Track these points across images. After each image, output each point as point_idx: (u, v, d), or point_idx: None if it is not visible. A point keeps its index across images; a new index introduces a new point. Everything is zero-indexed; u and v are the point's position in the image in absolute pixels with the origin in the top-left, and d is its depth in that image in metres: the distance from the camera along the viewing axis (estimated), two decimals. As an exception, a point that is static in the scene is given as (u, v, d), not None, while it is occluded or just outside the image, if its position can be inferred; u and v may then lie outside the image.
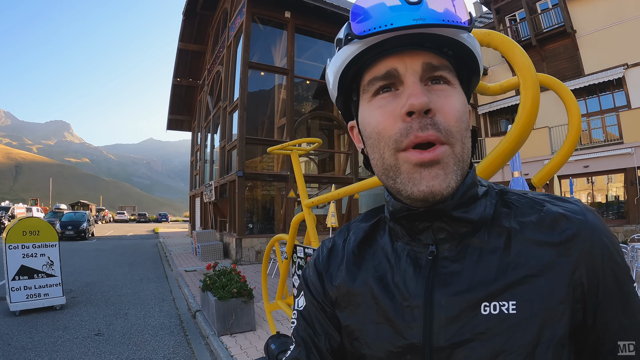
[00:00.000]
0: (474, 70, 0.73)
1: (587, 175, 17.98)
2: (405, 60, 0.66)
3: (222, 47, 20.45)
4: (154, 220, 68.49)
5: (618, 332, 0.66)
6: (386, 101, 0.67)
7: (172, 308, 8.36)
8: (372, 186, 2.26)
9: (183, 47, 25.73)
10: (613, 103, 18.36)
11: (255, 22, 16.97)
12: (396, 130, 0.65)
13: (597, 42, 18.33)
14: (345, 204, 18.54)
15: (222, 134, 19.12)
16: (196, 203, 27.66)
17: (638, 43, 17.03)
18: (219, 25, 22.54)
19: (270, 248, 4.17)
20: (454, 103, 0.66)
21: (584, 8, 18.69)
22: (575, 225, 0.66)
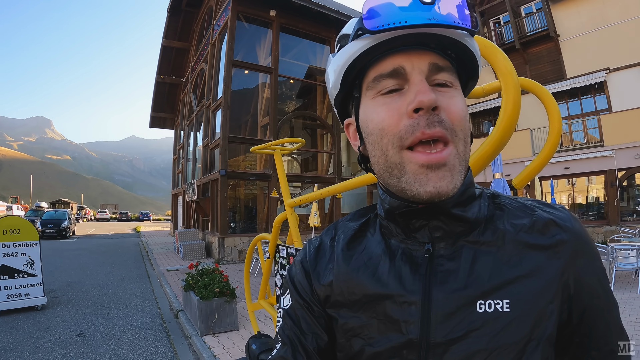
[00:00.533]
0: (472, 73, 0.75)
1: (568, 177, 18.34)
2: (412, 59, 0.67)
3: (206, 45, 20.35)
4: (135, 219, 67.65)
5: (603, 330, 0.71)
6: (392, 98, 0.68)
7: (155, 308, 8.30)
8: (356, 186, 2.28)
9: (167, 44, 25.54)
10: (594, 106, 18.76)
11: (240, 20, 16.92)
12: (401, 127, 0.66)
13: (580, 47, 18.72)
14: (327, 204, 18.63)
15: (205, 132, 19.04)
16: (178, 202, 27.43)
17: (620, 48, 17.41)
18: (203, 23, 22.42)
19: (253, 247, 4.18)
20: (458, 103, 0.68)
21: (568, 13, 19.05)
22: (563, 230, 0.70)
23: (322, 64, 19.59)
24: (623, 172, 16.42)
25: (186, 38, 25.48)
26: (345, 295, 0.78)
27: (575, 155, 17.12)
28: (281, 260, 3.23)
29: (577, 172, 17.69)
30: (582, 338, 0.71)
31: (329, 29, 18.64)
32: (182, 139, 27.53)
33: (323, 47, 19.48)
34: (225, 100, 15.85)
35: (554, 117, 1.61)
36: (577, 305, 0.69)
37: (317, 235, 0.91)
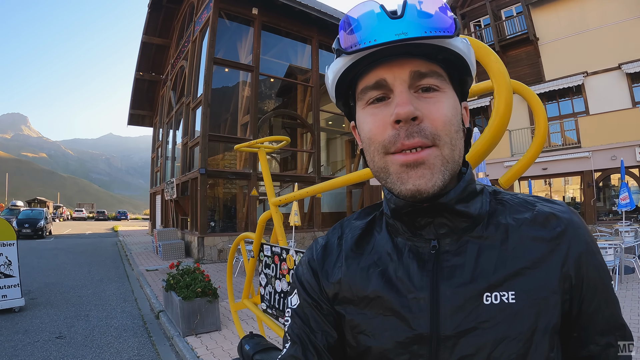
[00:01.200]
0: (465, 71, 0.75)
1: (545, 178, 18.73)
2: (393, 70, 0.69)
3: (187, 42, 20.17)
4: (113, 218, 66.61)
5: (601, 323, 0.74)
6: (378, 109, 0.71)
7: (135, 309, 8.20)
8: (343, 184, 2.30)
9: (147, 41, 25.21)
10: (572, 109, 19.19)
11: (222, 17, 16.87)
12: (386, 137, 0.69)
13: (559, 50, 19.16)
14: (307, 203, 18.69)
15: (185, 130, 18.89)
16: (157, 200, 27.12)
17: (598, 53, 17.87)
18: (184, 19, 22.20)
19: (236, 246, 4.15)
20: (442, 108, 0.69)
21: (548, 17, 19.49)
22: (563, 223, 0.74)
23: (302, 63, 19.66)
24: (599, 173, 16.83)
25: (166, 35, 25.20)
26: (353, 293, 0.80)
27: (553, 157, 17.45)
28: (265, 259, 3.22)
29: (555, 172, 18.07)
30: (580, 331, 0.74)
31: (311, 28, 18.71)
32: (161, 137, 27.22)
33: (304, 46, 19.52)
34: (205, 98, 15.77)
35: (540, 119, 1.65)
36: (576, 296, 0.72)
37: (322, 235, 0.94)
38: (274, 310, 2.99)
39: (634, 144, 15.58)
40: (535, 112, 1.64)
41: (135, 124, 31.75)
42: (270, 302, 3.06)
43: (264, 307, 3.19)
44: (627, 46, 17.32)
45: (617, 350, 0.75)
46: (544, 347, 0.68)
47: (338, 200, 21.69)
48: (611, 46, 17.64)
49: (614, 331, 0.76)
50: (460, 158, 0.73)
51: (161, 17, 23.94)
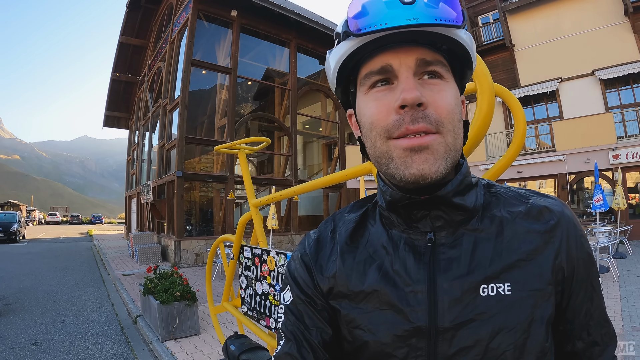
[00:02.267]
0: (466, 64, 0.76)
1: (520, 180, 19.17)
2: (399, 56, 0.69)
3: (164, 43, 20.06)
4: (87, 222, 65.54)
5: (587, 318, 0.76)
6: (382, 94, 0.71)
7: (112, 314, 8.09)
8: (325, 185, 2.26)
9: (124, 41, 24.91)
10: (546, 113, 19.94)
11: (201, 19, 16.88)
12: (389, 122, 0.69)
13: (534, 56, 19.85)
14: (284, 207, 18.73)
15: (161, 132, 18.77)
16: (132, 204, 26.77)
17: (573, 59, 18.59)
18: (162, 20, 22.09)
19: (215, 249, 4.07)
20: (446, 97, 0.70)
21: (524, 24, 20.11)
22: (556, 216, 0.75)
23: (280, 67, 19.73)
24: (573, 175, 17.35)
25: (144, 35, 24.95)
26: (349, 287, 0.79)
27: (528, 160, 17.85)
28: (245, 261, 3.19)
29: (530, 175, 18.55)
30: (566, 324, 0.75)
31: (290, 31, 18.82)
32: (136, 140, 26.91)
33: (283, 49, 19.60)
34: (182, 100, 15.72)
35: (519, 121, 1.69)
36: (567, 288, 0.74)
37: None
38: (255, 312, 2.97)
39: (607, 147, 16.13)
40: (515, 113, 1.69)
41: (110, 125, 31.31)
42: (251, 305, 3.03)
43: (245, 310, 3.18)
44: (601, 53, 18.05)
45: (602, 349, 0.77)
46: (540, 337, 0.70)
47: (315, 204, 21.74)
48: (585, 53, 18.34)
49: (599, 329, 0.77)
50: (461, 147, 0.74)
51: (139, 17, 23.71)
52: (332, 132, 21.97)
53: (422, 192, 0.72)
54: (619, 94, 18.29)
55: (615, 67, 17.64)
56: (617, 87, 18.29)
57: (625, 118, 17.30)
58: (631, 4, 17.15)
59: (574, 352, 0.77)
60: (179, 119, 15.79)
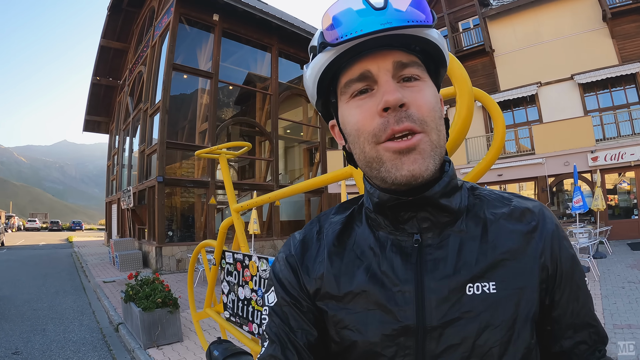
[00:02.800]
0: (440, 62, 0.79)
1: (501, 183, 19.44)
2: (377, 61, 0.72)
3: (146, 47, 19.92)
4: (67, 229, 64.56)
5: (573, 316, 0.77)
6: (363, 101, 0.73)
7: (93, 321, 7.99)
8: (308, 189, 2.23)
9: (105, 44, 24.64)
10: (526, 117, 20.28)
11: (183, 22, 16.81)
12: (375, 126, 0.71)
13: (514, 61, 20.22)
14: (266, 212, 18.70)
15: (142, 137, 18.59)
16: (113, 210, 26.46)
17: (551, 64, 18.98)
18: (144, 24, 21.93)
19: (197, 255, 4.01)
20: (426, 96, 0.72)
21: (504, 30, 20.51)
22: (537, 217, 0.78)
23: (262, 71, 19.74)
24: (553, 178, 17.68)
25: (125, 39, 24.72)
26: (337, 288, 0.80)
27: (508, 163, 18.12)
28: (227, 266, 3.15)
29: (510, 178, 18.88)
30: (553, 324, 0.77)
31: (271, 36, 18.86)
32: (117, 144, 26.65)
33: (264, 54, 19.61)
34: (163, 104, 15.62)
35: (498, 124, 1.71)
36: (551, 287, 0.76)
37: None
38: (238, 318, 2.94)
39: (585, 150, 16.49)
40: (494, 117, 1.71)
41: (91, 130, 30.96)
42: (234, 310, 3.01)
43: (227, 316, 3.16)
44: (580, 58, 18.47)
45: (589, 348, 0.78)
46: (526, 335, 0.72)
47: (296, 209, 21.72)
48: (564, 58, 18.72)
49: (586, 327, 0.79)
50: (445, 144, 0.76)
51: (120, 20, 23.47)
52: (313, 136, 22.02)
53: (410, 194, 0.74)
54: (598, 97, 18.70)
55: (593, 72, 18.04)
56: (595, 91, 18.70)
57: (604, 121, 17.70)
58: (609, 10, 17.58)
59: (562, 352, 0.78)
60: (159, 123, 15.69)
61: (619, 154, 16.11)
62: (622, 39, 17.96)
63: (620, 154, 16.09)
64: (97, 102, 28.56)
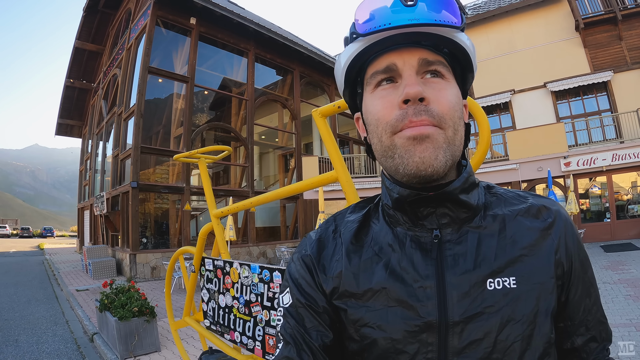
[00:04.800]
0: (467, 67, 0.80)
1: (475, 189, 19.46)
2: (403, 56, 0.74)
3: (121, 49, 19.78)
4: (38, 235, 63.06)
5: (585, 313, 0.80)
6: (386, 92, 0.75)
7: (67, 332, 7.84)
8: (290, 194, 2.29)
9: (80, 46, 24.35)
10: (499, 124, 20.82)
11: (159, 25, 16.74)
12: (393, 116, 0.73)
13: (488, 69, 20.71)
14: (241, 218, 18.67)
15: (116, 142, 18.42)
16: (85, 216, 26.02)
17: (525, 72, 19.57)
18: (120, 26, 21.75)
19: (175, 261, 3.90)
20: (447, 94, 0.74)
21: (478, 38, 21.15)
22: (553, 214, 0.80)
23: (238, 76, 19.75)
24: (526, 183, 18.06)
25: (100, 41, 24.47)
26: (356, 286, 0.80)
27: (482, 169, 18.34)
28: (207, 273, 3.08)
29: (484, 184, 19.02)
30: (566, 321, 0.80)
31: (248, 40, 18.90)
32: (90, 149, 26.25)
33: (240, 59, 19.60)
34: (138, 108, 15.52)
35: (484, 128, 1.75)
36: (566, 283, 0.78)
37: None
38: (219, 326, 2.87)
39: (558, 155, 16.90)
40: (479, 121, 1.74)
41: (63, 134, 30.45)
42: (214, 319, 2.94)
43: (207, 324, 3.09)
44: (552, 66, 19.14)
45: (599, 346, 0.81)
46: (546, 329, 0.73)
47: (272, 215, 21.66)
48: (537, 66, 19.35)
49: (598, 325, 0.81)
50: (461, 144, 0.77)
51: (96, 22, 23.24)
52: (288, 142, 22.05)
53: (430, 189, 0.76)
54: (570, 105, 19.36)
55: (566, 80, 18.70)
56: (567, 99, 19.37)
57: (576, 127, 18.28)
58: (582, 20, 18.25)
59: (573, 349, 0.80)
60: (134, 127, 15.55)
61: (590, 159, 16.59)
62: (594, 48, 18.65)
63: (592, 159, 16.57)
64: (70, 105, 28.19)
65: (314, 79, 22.65)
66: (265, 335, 2.33)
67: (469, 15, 21.44)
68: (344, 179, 1.88)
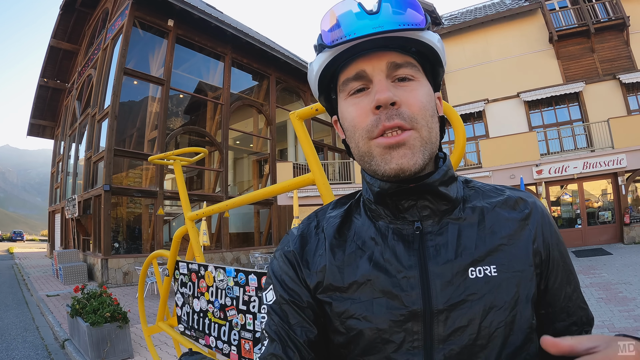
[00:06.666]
0: (436, 62, 0.82)
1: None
2: (372, 62, 0.76)
3: (97, 49, 19.46)
4: (7, 239, 61.65)
5: (565, 300, 0.82)
6: (359, 99, 0.77)
7: (37, 338, 7.69)
8: (268, 195, 2.30)
9: (55, 45, 23.78)
10: (473, 132, 21.09)
11: (136, 26, 16.55)
12: (368, 122, 0.75)
13: (463, 79, 21.13)
14: (214, 224, 18.54)
15: (89, 143, 18.09)
16: (56, 219, 25.45)
17: (499, 82, 19.95)
18: (96, 26, 21.40)
19: (148, 265, 3.83)
20: (418, 95, 0.76)
21: (454, 48, 21.50)
22: (530, 206, 0.83)
23: (214, 80, 19.65)
24: None
25: (76, 40, 23.94)
26: (340, 280, 0.82)
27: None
28: (181, 277, 3.02)
29: (457, 192, 19.39)
30: (547, 307, 0.82)
31: (225, 45, 18.86)
32: (62, 151, 25.68)
33: (217, 62, 19.51)
34: (112, 110, 15.29)
35: (459, 133, 1.77)
36: (545, 271, 0.81)
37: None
38: (194, 331, 2.81)
39: (531, 163, 17.25)
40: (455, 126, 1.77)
41: (35, 135, 29.65)
42: (189, 323, 2.88)
43: (182, 329, 3.03)
44: (526, 77, 19.57)
45: (579, 330, 0.83)
46: (527, 315, 0.76)
47: (245, 221, 21.54)
48: (511, 76, 19.77)
49: (578, 311, 0.84)
50: (437, 140, 0.80)
51: (72, 20, 22.71)
52: (263, 148, 21.98)
53: (411, 181, 0.77)
54: (542, 114, 19.82)
55: (538, 90, 19.15)
56: (540, 109, 19.81)
57: (548, 136, 18.70)
58: (556, 33, 18.75)
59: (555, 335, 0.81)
60: (108, 129, 15.31)
61: (562, 168, 16.99)
62: (566, 60, 19.16)
63: (564, 167, 16.97)
64: (43, 105, 27.53)
65: (290, 84, 22.67)
66: (241, 339, 2.30)
67: (445, 25, 21.78)
68: (320, 181, 1.88)
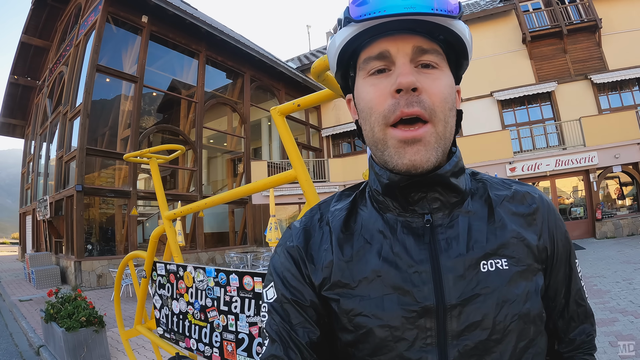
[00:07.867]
0: (462, 54, 0.79)
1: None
2: (397, 43, 0.72)
3: (69, 46, 18.95)
4: (-24, 244, 59.91)
5: (567, 296, 0.84)
6: (379, 80, 0.74)
7: (11, 345, 7.48)
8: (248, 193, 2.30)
9: (26, 41, 23.06)
10: None
11: (110, 22, 16.18)
12: (386, 106, 0.72)
13: None
14: (189, 224, 18.33)
15: (60, 142, 17.60)
16: (27, 221, 24.78)
17: (473, 81, 20.06)
18: (69, 21, 20.82)
19: (124, 267, 3.74)
20: (440, 85, 0.73)
21: None
22: (537, 201, 0.84)
23: (188, 78, 19.37)
24: None
25: (48, 36, 23.27)
26: (349, 276, 0.79)
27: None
28: (159, 278, 2.95)
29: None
30: (549, 303, 0.82)
31: (200, 42, 18.61)
32: (33, 150, 24.98)
33: (191, 60, 19.21)
34: (85, 107, 14.90)
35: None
36: (549, 267, 0.81)
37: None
38: (173, 334, 2.74)
39: (504, 161, 17.72)
40: None
41: (5, 134, 28.78)
42: (168, 326, 2.81)
43: (161, 332, 2.96)
44: (499, 76, 20.04)
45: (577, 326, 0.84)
46: (539, 306, 0.76)
47: (220, 220, 21.40)
48: (485, 76, 20.09)
49: (576, 307, 0.85)
50: (452, 135, 0.78)
51: (44, 16, 22.07)
52: (237, 147, 21.82)
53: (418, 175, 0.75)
54: (515, 113, 20.30)
55: (512, 89, 19.61)
56: (513, 107, 20.28)
57: (521, 135, 19.09)
58: (529, 34, 19.21)
59: (554, 329, 0.84)
60: (80, 128, 14.92)
61: (535, 165, 17.45)
62: (539, 60, 19.64)
63: (536, 164, 17.43)
64: (13, 103, 26.69)
65: (265, 83, 22.44)
66: (223, 341, 2.24)
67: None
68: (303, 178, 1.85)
